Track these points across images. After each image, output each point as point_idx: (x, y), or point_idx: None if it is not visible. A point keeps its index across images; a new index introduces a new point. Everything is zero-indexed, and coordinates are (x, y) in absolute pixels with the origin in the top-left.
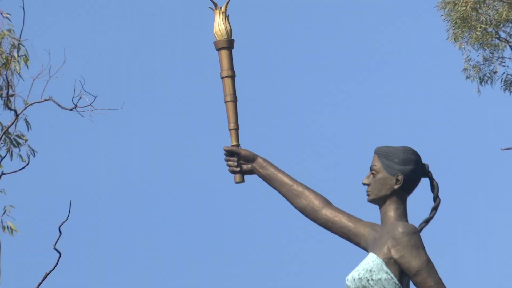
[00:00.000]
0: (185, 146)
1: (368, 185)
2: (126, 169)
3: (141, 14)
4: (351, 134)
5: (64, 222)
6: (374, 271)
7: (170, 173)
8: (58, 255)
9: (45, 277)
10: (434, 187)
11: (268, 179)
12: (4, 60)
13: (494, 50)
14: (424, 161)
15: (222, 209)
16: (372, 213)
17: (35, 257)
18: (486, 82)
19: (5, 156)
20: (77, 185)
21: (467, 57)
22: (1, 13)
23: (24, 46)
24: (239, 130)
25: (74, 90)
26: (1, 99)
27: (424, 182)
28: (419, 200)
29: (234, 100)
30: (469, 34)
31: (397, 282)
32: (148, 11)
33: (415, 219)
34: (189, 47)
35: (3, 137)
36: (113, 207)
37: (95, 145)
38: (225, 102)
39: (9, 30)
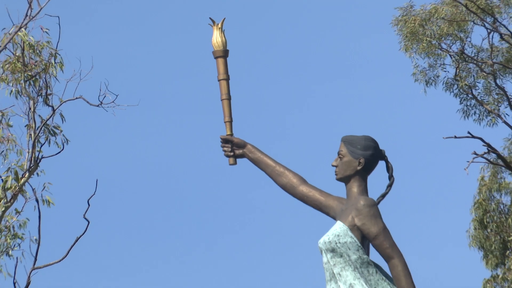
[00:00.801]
0: (188, 136)
1: (336, 166)
2: (142, 154)
3: (154, 30)
4: (322, 125)
5: (91, 196)
6: (341, 236)
7: (177, 157)
8: (87, 223)
9: (76, 241)
10: (389, 168)
11: (256, 162)
12: (44, 66)
13: (437, 59)
14: (381, 147)
15: (218, 185)
16: (339, 189)
17: (68, 225)
18: (431, 84)
19: (44, 143)
20: (102, 166)
21: (416, 64)
22: (42, 28)
23: (59, 54)
24: (233, 123)
25: (100, 90)
26: (41, 97)
27: (381, 164)
28: (377, 178)
29: (229, 98)
30: (417, 46)
31: (359, 244)
32: (160, 28)
33: (374, 194)
34: (192, 56)
35: (43, 127)
36: (131, 184)
37: (117, 134)
38: (221, 100)
39: (47, 42)
